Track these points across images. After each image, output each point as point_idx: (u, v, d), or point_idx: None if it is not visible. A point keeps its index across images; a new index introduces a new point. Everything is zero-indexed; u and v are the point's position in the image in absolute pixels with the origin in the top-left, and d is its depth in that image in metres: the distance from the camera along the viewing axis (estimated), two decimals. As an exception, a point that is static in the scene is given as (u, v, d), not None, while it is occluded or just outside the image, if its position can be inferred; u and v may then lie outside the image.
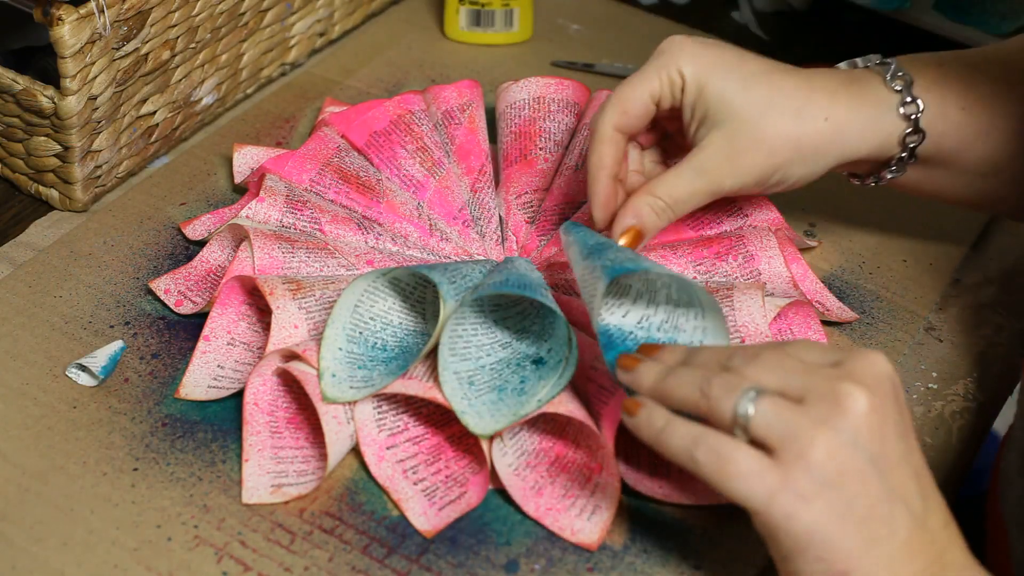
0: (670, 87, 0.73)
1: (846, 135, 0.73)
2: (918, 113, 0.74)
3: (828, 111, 0.73)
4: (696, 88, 0.72)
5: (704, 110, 0.73)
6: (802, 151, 0.73)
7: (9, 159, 0.87)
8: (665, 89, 0.73)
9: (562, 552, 0.68)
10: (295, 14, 0.98)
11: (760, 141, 0.72)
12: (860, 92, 0.74)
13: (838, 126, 0.73)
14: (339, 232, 0.81)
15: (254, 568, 0.66)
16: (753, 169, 0.73)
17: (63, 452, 0.71)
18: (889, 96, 0.74)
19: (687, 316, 0.70)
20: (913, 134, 0.75)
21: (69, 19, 0.77)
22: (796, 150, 0.73)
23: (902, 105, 0.74)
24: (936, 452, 0.75)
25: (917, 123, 0.75)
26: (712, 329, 0.69)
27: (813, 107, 0.72)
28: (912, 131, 0.75)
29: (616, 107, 0.73)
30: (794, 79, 0.73)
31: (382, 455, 0.70)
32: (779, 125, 0.72)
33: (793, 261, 0.82)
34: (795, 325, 0.78)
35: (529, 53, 1.05)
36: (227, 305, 0.76)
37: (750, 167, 0.73)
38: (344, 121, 0.88)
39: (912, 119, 0.74)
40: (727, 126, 0.72)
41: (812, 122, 0.72)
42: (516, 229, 0.85)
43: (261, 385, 0.71)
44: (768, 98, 0.72)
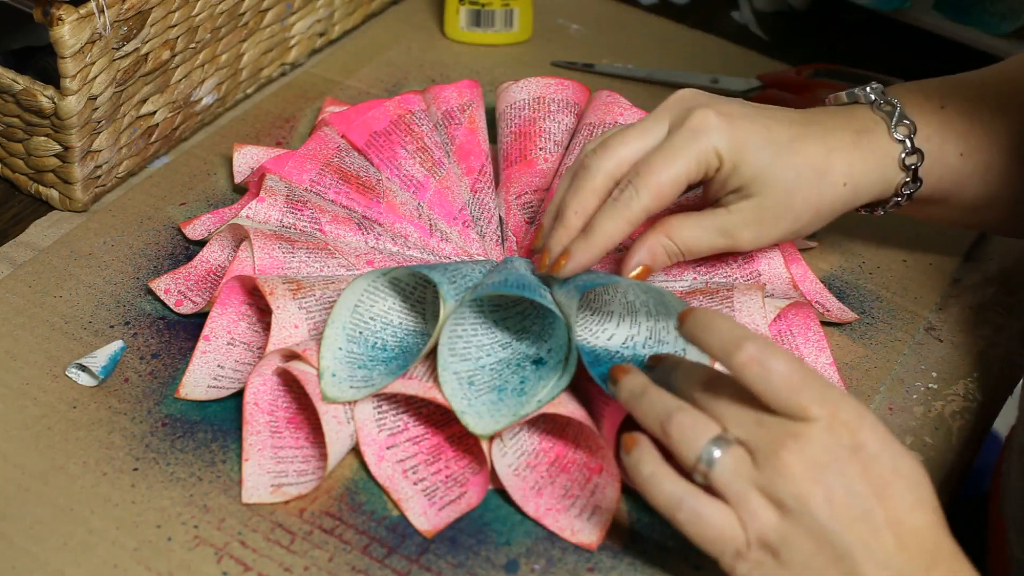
0: (706, 168, 0.73)
1: (859, 192, 0.76)
2: (918, 164, 0.76)
3: (847, 175, 0.75)
4: (732, 165, 0.73)
5: (738, 183, 0.74)
6: (821, 214, 0.76)
7: (9, 159, 0.87)
8: (701, 172, 0.73)
9: (562, 552, 0.68)
10: (295, 14, 0.98)
11: (788, 210, 0.74)
12: (870, 146, 0.76)
13: (854, 188, 0.76)
14: (339, 232, 0.81)
15: (254, 568, 0.66)
16: (776, 232, 0.75)
17: (63, 452, 0.71)
18: (892, 147, 0.76)
19: (667, 328, 0.72)
20: (911, 183, 0.77)
21: (69, 19, 0.77)
22: (816, 214, 0.76)
23: (905, 154, 0.76)
24: (936, 452, 0.75)
25: (916, 172, 0.76)
26: None
27: (834, 172, 0.75)
28: (911, 180, 0.77)
29: (652, 191, 0.72)
30: (815, 142, 0.74)
31: (382, 455, 0.70)
32: (806, 195, 0.74)
33: (793, 262, 0.82)
34: (795, 326, 0.78)
35: (529, 53, 1.05)
36: (227, 305, 0.76)
37: (773, 231, 0.75)
38: (344, 121, 0.88)
39: (911, 169, 0.76)
40: (759, 198, 0.74)
41: (832, 188, 0.75)
42: (516, 229, 0.85)
43: (261, 385, 0.71)
44: (796, 168, 0.74)
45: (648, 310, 0.73)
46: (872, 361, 0.80)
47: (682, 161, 0.72)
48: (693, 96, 0.74)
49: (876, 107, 0.76)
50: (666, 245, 0.74)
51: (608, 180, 0.73)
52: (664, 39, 1.07)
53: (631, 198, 0.72)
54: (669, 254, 0.75)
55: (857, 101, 0.77)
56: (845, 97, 0.78)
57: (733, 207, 0.74)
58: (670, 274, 0.80)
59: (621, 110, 0.88)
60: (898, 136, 0.76)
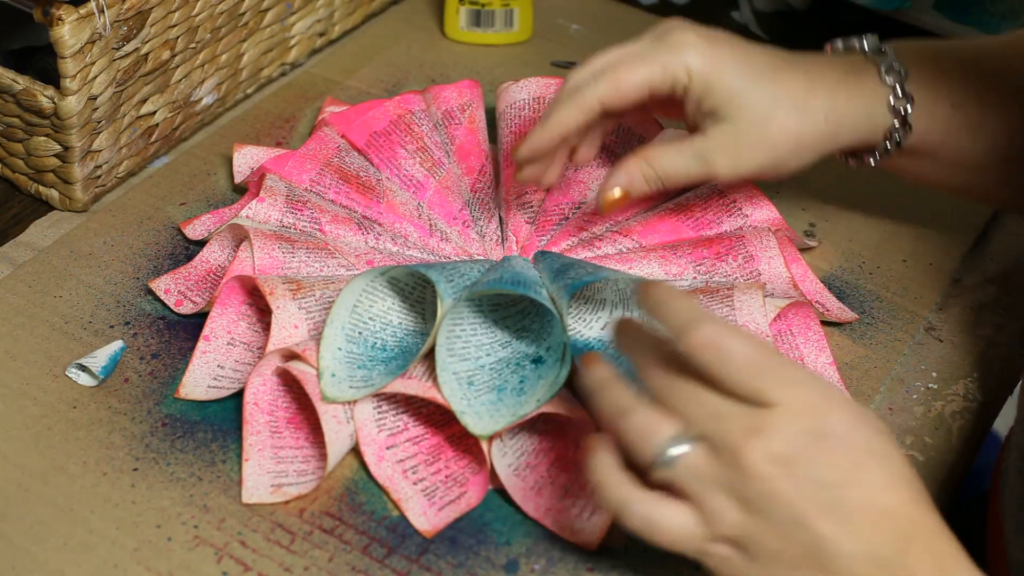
0: (672, 81, 0.73)
1: (841, 130, 0.75)
2: (908, 108, 0.75)
3: (828, 109, 0.74)
4: (704, 84, 0.73)
5: (712, 105, 0.73)
6: (800, 147, 0.74)
7: (9, 159, 0.87)
8: (666, 82, 0.73)
9: (562, 552, 0.68)
10: (295, 14, 0.98)
11: (764, 138, 0.74)
12: (857, 86, 0.75)
13: (836, 123, 0.75)
14: (339, 232, 0.81)
15: (254, 568, 0.66)
16: (752, 162, 0.74)
17: (63, 452, 0.71)
18: (882, 90, 0.75)
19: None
20: (900, 128, 0.76)
21: (69, 19, 0.77)
22: (795, 146, 0.74)
23: (893, 98, 0.75)
24: (936, 452, 0.75)
25: (905, 118, 0.76)
26: None
27: (814, 105, 0.74)
28: (899, 125, 0.76)
29: (611, 83, 0.73)
30: (797, 75, 0.74)
31: (382, 455, 0.70)
32: (783, 123, 0.73)
33: (793, 261, 0.82)
34: (795, 326, 0.78)
35: (529, 53, 1.05)
36: (227, 305, 0.76)
37: (749, 160, 0.74)
38: (344, 121, 0.88)
39: (901, 114, 0.76)
40: (733, 122, 0.73)
41: (812, 121, 0.74)
42: (516, 229, 0.85)
43: (261, 385, 0.71)
44: (773, 96, 0.73)
45: None
46: (872, 361, 0.80)
47: (647, 65, 0.73)
48: (681, 21, 0.75)
49: (869, 55, 0.77)
50: (644, 169, 0.74)
51: None
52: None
53: (587, 85, 0.73)
54: (647, 179, 0.75)
55: (852, 48, 0.78)
56: (841, 45, 0.78)
57: (709, 132, 0.74)
58: (670, 273, 0.80)
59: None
60: (888, 80, 0.75)
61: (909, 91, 0.75)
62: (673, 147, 0.75)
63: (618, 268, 0.80)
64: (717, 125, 0.74)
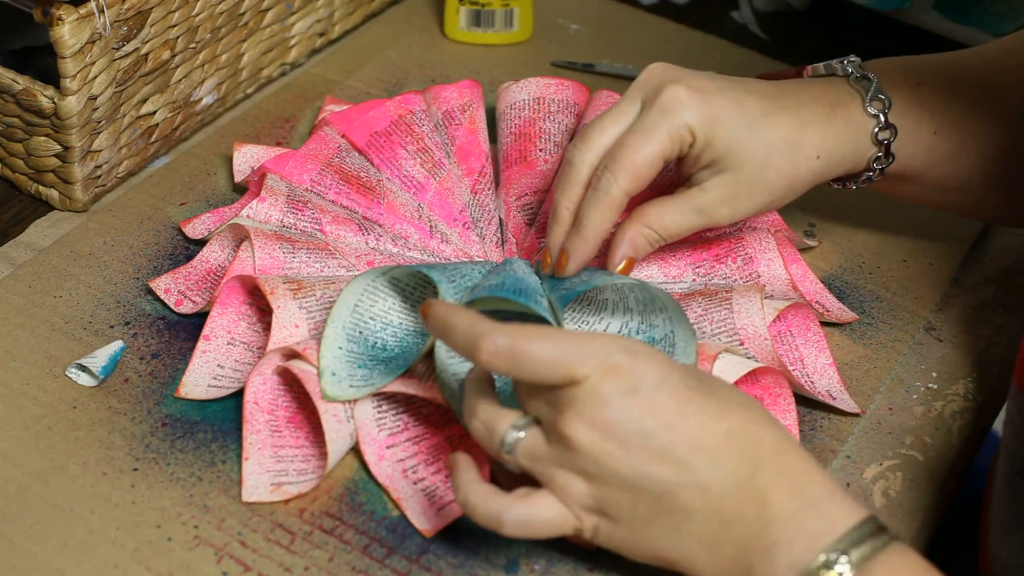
0: (680, 145, 0.73)
1: (831, 165, 0.76)
2: (891, 139, 0.77)
3: (819, 148, 0.75)
4: (704, 141, 0.73)
5: (711, 158, 0.73)
6: (795, 185, 0.76)
7: (9, 159, 0.87)
8: (675, 149, 0.73)
9: (562, 552, 0.68)
10: (295, 14, 0.97)
11: (761, 183, 0.74)
12: (844, 120, 0.76)
13: (827, 161, 0.76)
14: (340, 233, 0.81)
15: (254, 568, 0.66)
16: (750, 208, 0.75)
17: (63, 452, 0.71)
18: (866, 121, 0.76)
19: (655, 312, 0.73)
20: (883, 157, 0.77)
21: (69, 19, 0.77)
22: (790, 186, 0.76)
23: (878, 129, 0.76)
24: (936, 452, 0.75)
25: (888, 147, 0.77)
26: (676, 319, 0.71)
27: (807, 145, 0.75)
28: (883, 155, 0.77)
29: (629, 173, 0.72)
30: (788, 116, 0.75)
31: (382, 454, 0.70)
32: (779, 167, 0.74)
33: (792, 262, 0.82)
34: (795, 327, 0.78)
35: (529, 53, 1.05)
36: (227, 305, 0.76)
37: (748, 207, 0.75)
38: (345, 121, 0.88)
39: (884, 143, 0.77)
40: (732, 173, 0.74)
41: (806, 161, 0.75)
42: (516, 231, 0.85)
43: (261, 384, 0.71)
44: (769, 142, 0.74)
45: (636, 296, 0.73)
46: (872, 361, 0.80)
47: (656, 140, 0.72)
48: (664, 71, 0.74)
49: (852, 80, 0.77)
50: (646, 234, 0.75)
51: (591, 170, 0.74)
52: (664, 39, 1.07)
53: (610, 184, 0.72)
54: (650, 242, 0.75)
55: (834, 73, 0.78)
56: (823, 68, 0.79)
57: (707, 184, 0.74)
58: (669, 276, 0.80)
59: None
60: (872, 111, 0.76)
61: (892, 122, 0.76)
62: (671, 206, 0.75)
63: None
64: (716, 177, 0.74)
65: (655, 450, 0.59)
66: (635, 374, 0.60)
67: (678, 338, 0.71)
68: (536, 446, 0.61)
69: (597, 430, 0.59)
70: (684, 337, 0.71)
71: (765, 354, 0.74)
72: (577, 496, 0.61)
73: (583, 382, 0.60)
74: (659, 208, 0.75)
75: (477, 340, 0.60)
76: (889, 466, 0.74)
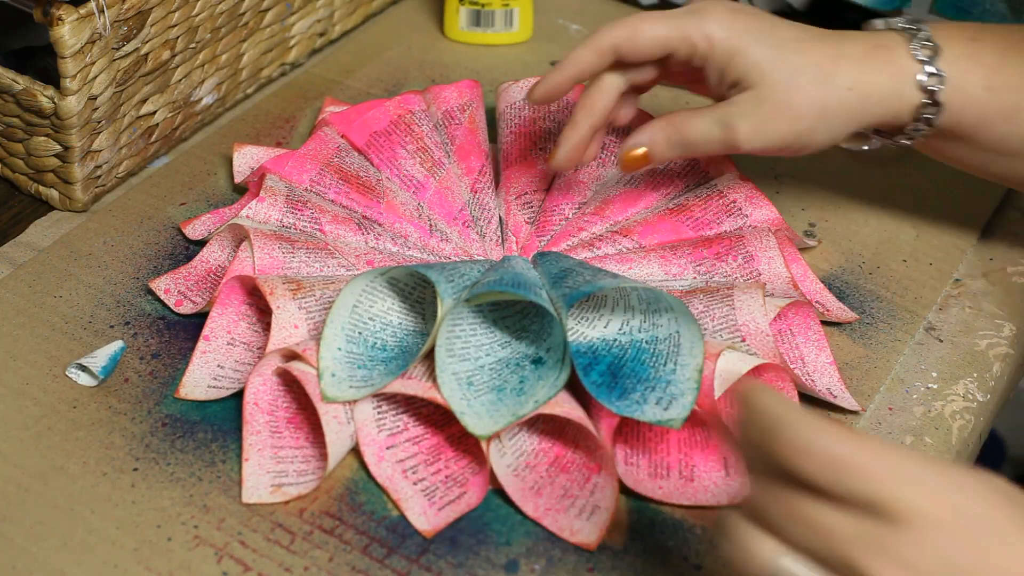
0: (690, 47, 0.74)
1: (869, 103, 0.74)
2: (938, 86, 0.74)
3: (853, 79, 0.74)
4: (727, 53, 0.73)
5: (735, 75, 0.74)
6: (826, 117, 0.74)
7: (9, 159, 0.87)
8: (684, 45, 0.74)
9: (562, 552, 0.68)
10: (295, 14, 0.98)
11: (787, 107, 0.73)
12: (885, 60, 0.74)
13: (862, 94, 0.74)
14: (339, 232, 0.81)
15: (254, 568, 0.66)
16: (776, 134, 0.74)
17: (63, 452, 0.71)
18: (911, 65, 0.74)
19: (659, 312, 0.72)
20: (930, 106, 0.75)
21: (69, 19, 0.77)
22: (820, 116, 0.74)
23: (923, 75, 0.74)
24: (936, 452, 0.75)
25: (935, 95, 0.74)
26: (682, 319, 0.71)
27: (840, 75, 0.74)
28: (930, 102, 0.75)
29: (627, 31, 0.74)
30: (823, 46, 0.74)
31: (382, 455, 0.70)
32: (806, 92, 0.73)
33: (793, 261, 0.82)
34: (795, 325, 0.78)
35: (529, 53, 1.05)
36: (227, 305, 0.76)
37: (774, 131, 0.74)
38: (344, 121, 0.88)
39: (929, 91, 0.74)
40: (756, 91, 0.74)
41: (837, 91, 0.74)
42: (516, 230, 0.85)
43: (261, 385, 0.71)
44: (797, 65, 0.73)
45: (639, 295, 0.73)
46: (872, 361, 0.80)
47: (667, 24, 0.74)
48: None
49: (904, 31, 0.76)
50: (667, 131, 0.75)
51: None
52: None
53: (603, 29, 0.74)
54: (670, 142, 0.75)
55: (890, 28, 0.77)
56: (880, 24, 0.78)
57: (733, 99, 0.74)
58: (670, 273, 0.80)
59: (621, 110, 0.88)
60: (919, 56, 0.74)
61: (941, 69, 0.74)
62: (697, 112, 0.75)
63: (618, 268, 0.80)
64: (741, 93, 0.74)
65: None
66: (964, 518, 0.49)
67: (683, 338, 0.71)
68: None
69: None
70: (690, 337, 0.70)
71: (767, 350, 0.74)
72: None
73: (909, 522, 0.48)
74: (685, 112, 0.76)
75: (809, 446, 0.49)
76: (889, 466, 0.74)
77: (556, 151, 0.78)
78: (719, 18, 0.74)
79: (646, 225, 0.83)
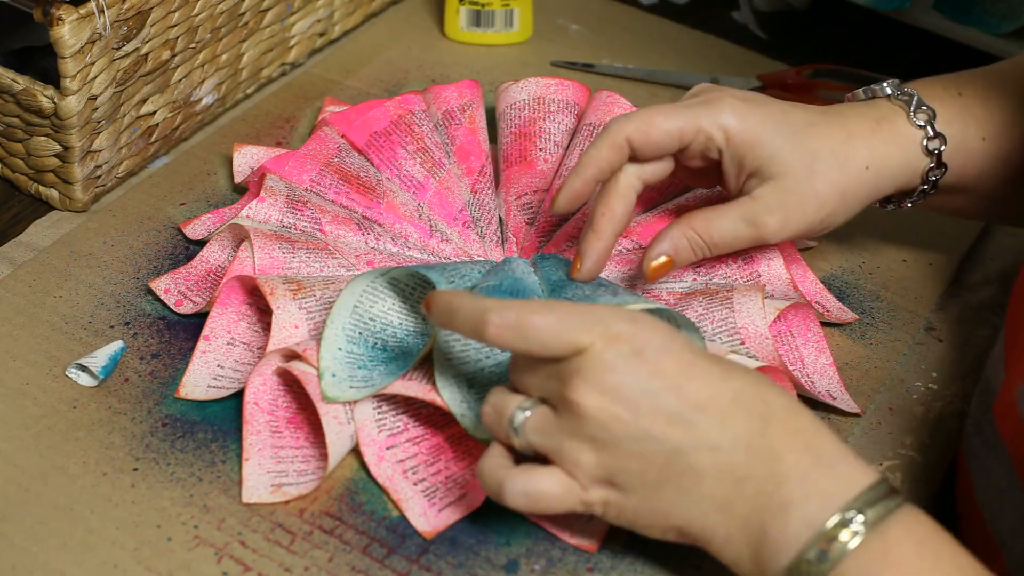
0: (705, 139, 0.73)
1: (883, 178, 0.76)
2: (941, 148, 0.76)
3: (868, 159, 0.75)
4: (744, 144, 0.73)
5: (754, 166, 0.74)
6: (847, 200, 0.75)
7: (9, 159, 0.87)
8: (697, 138, 0.73)
9: (562, 552, 0.68)
10: (295, 14, 0.98)
11: (811, 196, 0.74)
12: (891, 132, 0.75)
13: (877, 171, 0.75)
14: (339, 232, 0.81)
15: (254, 568, 0.66)
16: (803, 222, 0.74)
17: (63, 452, 0.71)
18: (914, 132, 0.76)
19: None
20: (936, 168, 0.76)
21: (69, 19, 0.77)
22: (842, 199, 0.75)
23: (927, 139, 0.76)
24: (936, 452, 0.75)
25: (940, 157, 0.76)
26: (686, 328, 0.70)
27: (855, 156, 0.74)
28: (935, 166, 0.76)
29: (640, 124, 0.73)
30: (833, 128, 0.75)
31: (382, 455, 0.70)
32: (827, 176, 0.74)
33: (793, 262, 0.82)
34: (795, 327, 0.78)
35: (529, 53, 1.05)
36: (227, 305, 0.76)
37: (800, 220, 0.74)
38: (344, 121, 0.88)
39: (935, 154, 0.76)
40: (779, 181, 0.73)
41: (856, 172, 0.74)
42: (516, 230, 0.85)
43: (261, 385, 0.71)
44: (815, 151, 0.74)
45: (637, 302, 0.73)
46: (872, 361, 0.80)
47: (682, 117, 0.73)
48: (716, 86, 0.75)
49: (894, 99, 0.77)
50: (690, 236, 0.75)
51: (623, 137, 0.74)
52: (664, 39, 1.07)
53: (615, 122, 0.73)
54: (693, 246, 0.75)
55: (875, 96, 0.78)
56: (863, 94, 0.78)
57: (755, 192, 0.74)
58: (670, 276, 0.80)
59: (621, 110, 0.88)
60: (919, 122, 0.75)
61: (940, 130, 0.76)
62: (718, 211, 0.75)
63: (618, 270, 0.80)
64: (763, 185, 0.74)
65: (663, 411, 0.59)
66: (638, 339, 0.60)
67: None
68: (544, 421, 0.62)
69: (605, 395, 0.60)
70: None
71: (766, 353, 0.74)
72: (586, 467, 0.61)
73: (588, 350, 0.60)
74: (706, 212, 0.75)
75: (484, 315, 0.61)
76: (889, 466, 0.74)
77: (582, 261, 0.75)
78: (733, 108, 0.73)
79: (646, 226, 0.83)
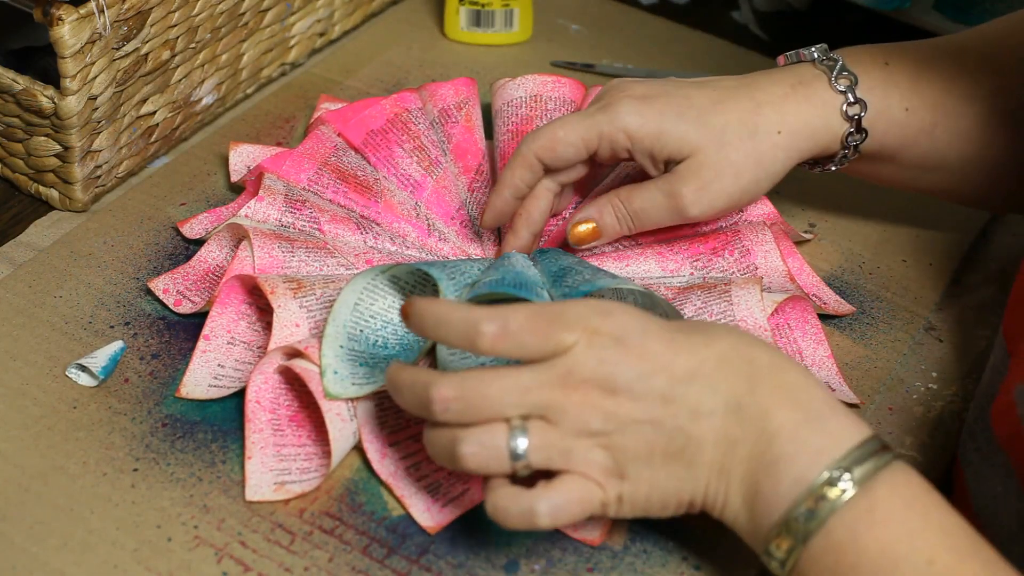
0: (609, 144, 0.76)
1: (799, 140, 0.77)
2: (861, 114, 0.77)
3: (779, 123, 0.76)
4: (648, 139, 0.75)
5: (666, 154, 0.76)
6: (764, 165, 0.77)
7: (9, 159, 0.87)
8: (604, 145, 0.76)
9: (562, 552, 0.68)
10: (295, 14, 0.98)
11: (726, 165, 0.76)
12: (807, 97, 0.77)
13: (792, 133, 0.77)
14: (338, 231, 0.81)
15: (254, 568, 0.66)
16: (722, 192, 0.76)
17: (63, 452, 0.71)
18: (834, 97, 0.77)
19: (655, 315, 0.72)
20: (855, 133, 0.78)
21: (69, 19, 0.77)
22: (758, 165, 0.76)
23: (846, 104, 0.77)
24: (936, 452, 0.75)
25: (859, 123, 0.77)
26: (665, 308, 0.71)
27: (764, 122, 0.76)
28: (855, 131, 0.77)
29: (545, 141, 0.76)
30: (740, 101, 0.77)
31: (385, 452, 0.70)
32: (738, 147, 0.76)
33: (789, 255, 0.82)
34: (792, 319, 0.78)
35: (529, 53, 1.05)
36: (227, 304, 0.76)
37: (719, 190, 0.76)
38: (341, 119, 0.88)
39: (854, 119, 0.77)
40: (692, 159, 0.76)
41: (767, 137, 0.76)
42: (516, 229, 0.85)
43: (263, 383, 0.71)
44: (722, 126, 0.76)
45: (635, 299, 0.73)
46: (872, 361, 0.80)
47: (581, 127, 0.76)
48: (619, 84, 0.78)
49: (818, 63, 0.78)
50: (615, 204, 0.77)
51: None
52: (664, 39, 1.07)
53: (525, 143, 0.77)
54: (618, 216, 0.77)
55: (801, 60, 0.79)
56: (791, 56, 0.80)
57: (674, 169, 0.77)
58: (667, 270, 0.80)
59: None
60: (839, 87, 0.77)
61: (861, 96, 0.77)
62: (642, 184, 0.77)
63: (615, 265, 0.80)
64: (679, 164, 0.76)
65: (657, 392, 0.60)
66: (617, 328, 0.60)
67: None
68: (545, 436, 0.60)
69: (597, 389, 0.60)
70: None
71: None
72: (599, 464, 0.61)
73: (573, 348, 0.60)
74: (630, 187, 0.78)
75: (478, 326, 0.60)
76: (889, 466, 0.74)
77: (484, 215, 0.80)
78: (630, 108, 0.75)
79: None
